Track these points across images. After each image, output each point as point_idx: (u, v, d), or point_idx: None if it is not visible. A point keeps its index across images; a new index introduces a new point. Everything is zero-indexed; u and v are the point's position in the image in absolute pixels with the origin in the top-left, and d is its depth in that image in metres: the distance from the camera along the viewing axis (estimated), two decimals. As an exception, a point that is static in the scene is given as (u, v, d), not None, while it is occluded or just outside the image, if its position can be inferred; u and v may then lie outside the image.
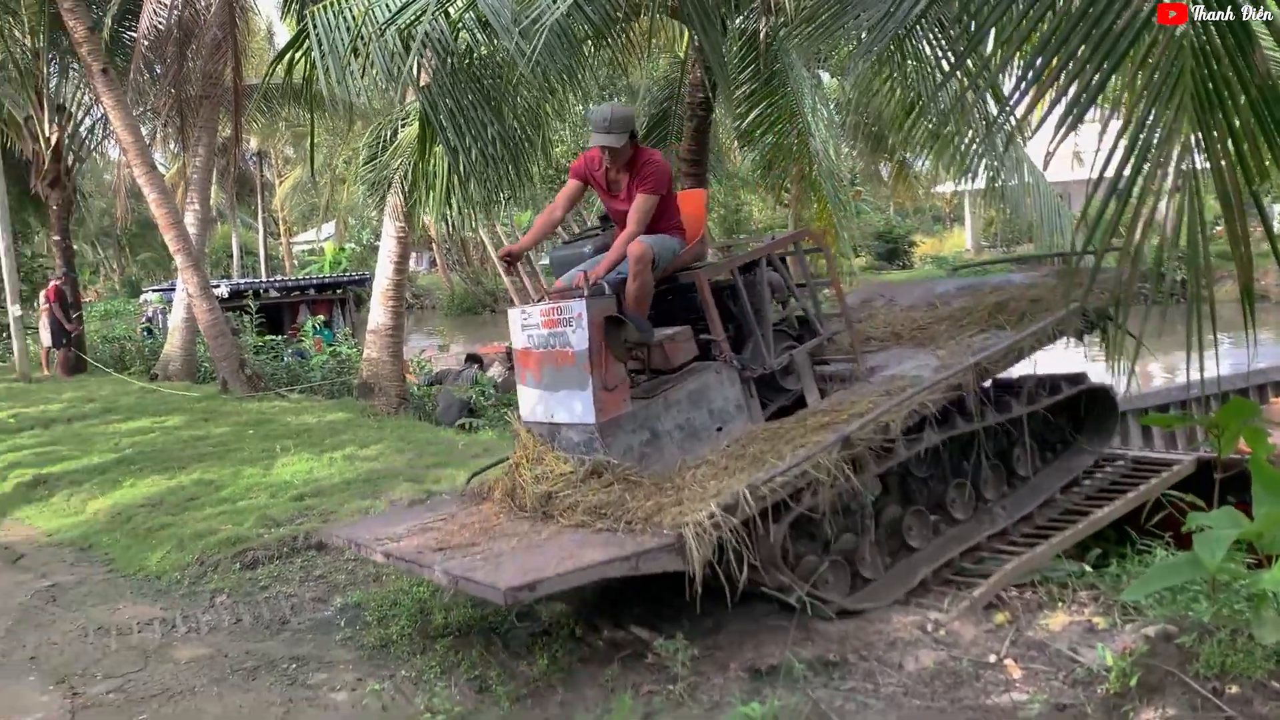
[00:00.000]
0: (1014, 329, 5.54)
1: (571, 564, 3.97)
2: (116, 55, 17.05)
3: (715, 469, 4.58)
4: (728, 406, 5.07)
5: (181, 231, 14.53)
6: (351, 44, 6.72)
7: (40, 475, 9.03)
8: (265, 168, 44.52)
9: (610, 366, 4.72)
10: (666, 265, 5.25)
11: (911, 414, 4.82)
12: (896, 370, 5.39)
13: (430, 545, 4.52)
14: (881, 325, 6.36)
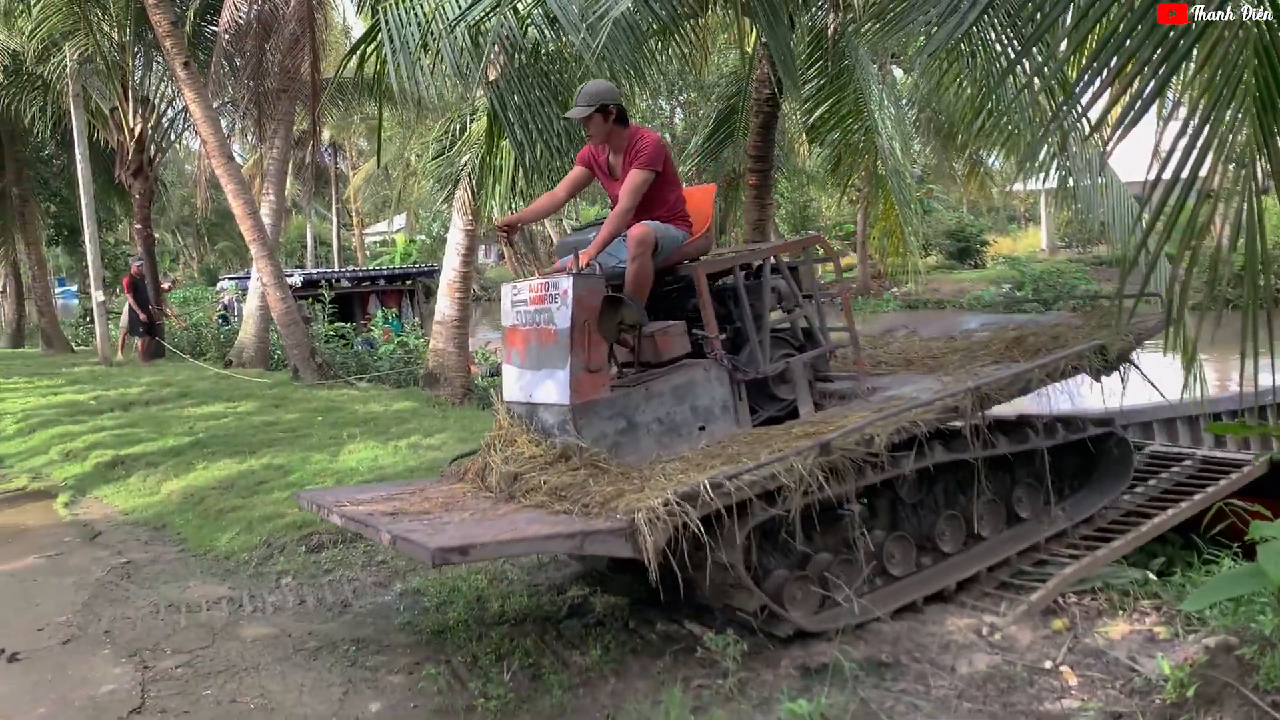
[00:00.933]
0: (1027, 362, 5.30)
1: (510, 535, 3.95)
2: (198, 49, 17.54)
3: (688, 465, 4.41)
4: (713, 406, 4.93)
5: (257, 222, 14.89)
6: (422, 40, 6.85)
7: (119, 456, 9.35)
8: (339, 160, 45.37)
9: (594, 348, 4.64)
10: (668, 255, 5.14)
11: (900, 430, 4.55)
12: (897, 391, 5.20)
13: (385, 511, 4.54)
14: (896, 352, 6.25)
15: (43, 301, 22.34)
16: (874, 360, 6.02)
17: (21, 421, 11.79)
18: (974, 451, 4.87)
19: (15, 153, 21.34)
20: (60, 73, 17.81)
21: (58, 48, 17.45)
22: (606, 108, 5.08)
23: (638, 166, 5.05)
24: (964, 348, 5.90)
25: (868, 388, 5.36)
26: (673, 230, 5.16)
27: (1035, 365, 5.14)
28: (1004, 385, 4.96)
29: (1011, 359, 5.41)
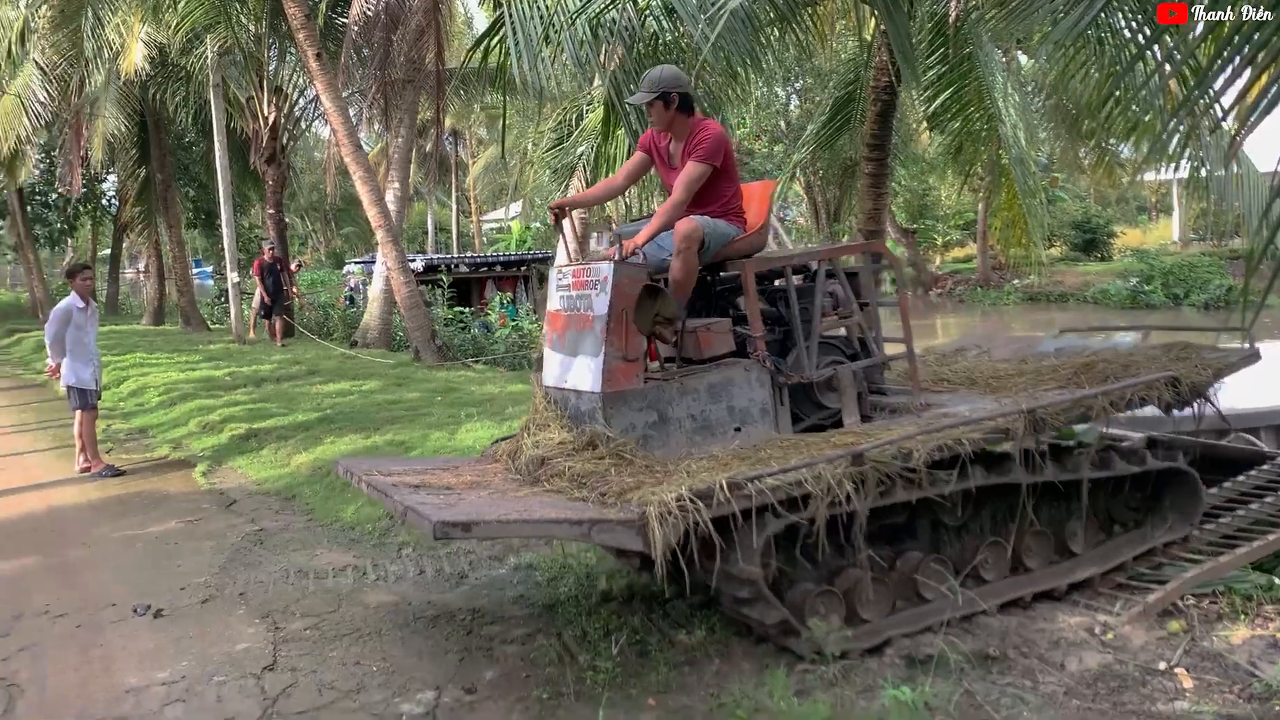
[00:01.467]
0: (1091, 389, 4.99)
1: (516, 516, 3.92)
2: (329, 41, 18.21)
3: (715, 464, 4.29)
4: (751, 408, 4.79)
5: (383, 208, 15.40)
6: (544, 32, 7.01)
7: (252, 430, 9.85)
8: (460, 148, 46.38)
9: (631, 338, 4.55)
10: (718, 250, 4.99)
11: (942, 447, 4.32)
12: (951, 409, 4.96)
13: (410, 484, 4.57)
14: (961, 370, 6.03)
15: (182, 281, 23.52)
16: (936, 377, 5.83)
17: (163, 395, 12.51)
18: (1019, 476, 4.58)
19: (160, 140, 22.49)
20: (202, 64, 18.71)
21: (200, 40, 18.33)
22: (669, 95, 4.95)
23: (695, 159, 4.91)
24: (1031, 371, 5.65)
25: (922, 403, 5.15)
26: (723, 226, 5.00)
27: (1098, 392, 4.83)
28: (1061, 409, 4.67)
29: (1078, 385, 5.14)
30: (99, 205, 30.19)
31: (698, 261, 4.84)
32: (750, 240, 5.15)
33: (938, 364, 6.26)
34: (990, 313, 30.76)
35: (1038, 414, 4.54)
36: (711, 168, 4.91)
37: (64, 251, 36.45)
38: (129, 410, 12.26)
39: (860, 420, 5.00)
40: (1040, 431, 4.57)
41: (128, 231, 27.68)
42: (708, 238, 4.85)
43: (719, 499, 3.85)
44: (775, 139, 33.50)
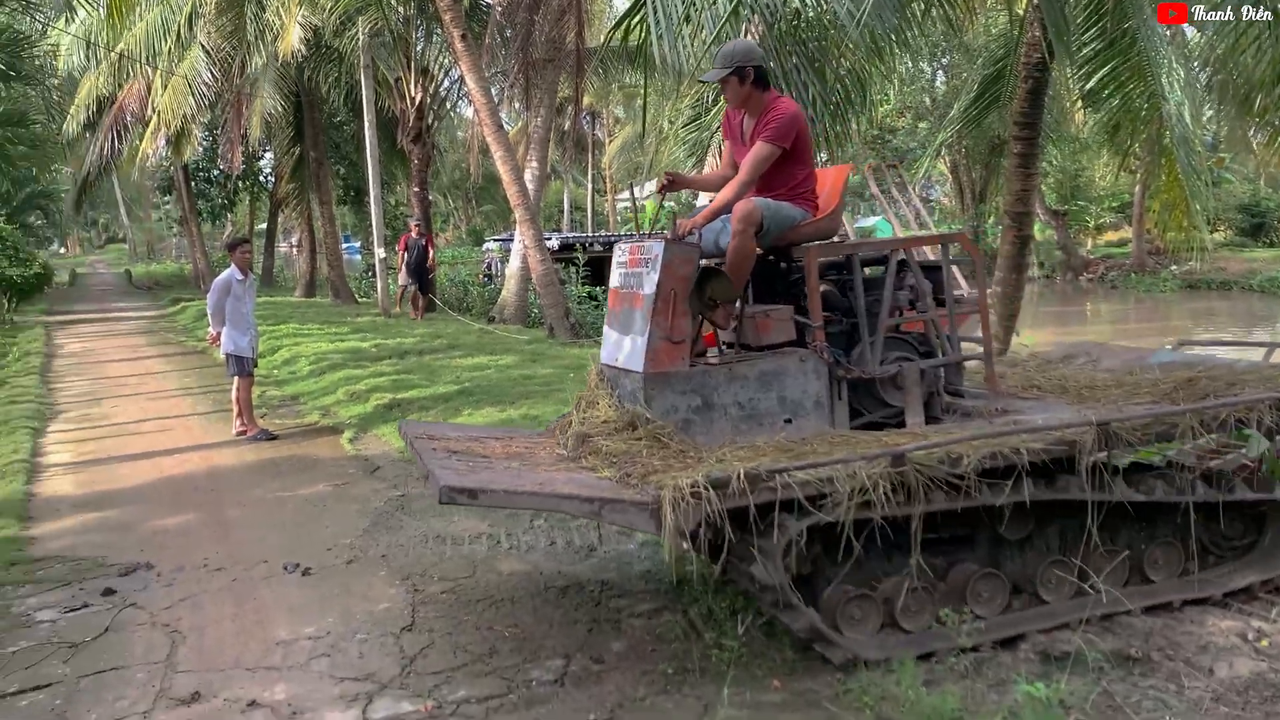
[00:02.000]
0: (1181, 405, 4.56)
1: (527, 488, 3.91)
2: (474, 21, 18.61)
3: (754, 453, 4.17)
4: (804, 400, 4.62)
5: (522, 187, 15.69)
6: (685, 10, 7.00)
7: (395, 399, 10.23)
8: (597, 127, 46.79)
9: (677, 319, 4.46)
10: (781, 233, 4.79)
11: (996, 455, 4.03)
12: (1028, 417, 4.63)
13: (451, 449, 4.67)
14: (1054, 378, 5.59)
15: (333, 256, 24.51)
16: (1026, 383, 5.47)
17: (314, 364, 13.10)
18: (1083, 494, 4.21)
19: (314, 119, 23.43)
20: (353, 46, 19.39)
21: (352, 22, 19.00)
22: (744, 70, 4.77)
23: (764, 139, 4.72)
24: (1130, 383, 5.18)
25: (998, 408, 4.86)
26: (787, 209, 4.79)
27: (1186, 409, 4.39)
28: (1138, 425, 4.27)
29: (1173, 401, 4.69)
30: (257, 181, 31.70)
31: (755, 245, 4.70)
32: (818, 225, 4.94)
33: (1036, 370, 5.89)
34: (1144, 300, 29.31)
35: (1111, 428, 4.17)
36: (780, 149, 4.72)
37: (224, 225, 38.45)
38: (282, 378, 12.89)
39: (925, 421, 4.73)
40: (1113, 447, 4.20)
41: (282, 207, 28.99)
42: (767, 220, 4.67)
43: (734, 489, 3.73)
44: (919, 116, 32.55)
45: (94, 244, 78.12)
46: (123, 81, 22.41)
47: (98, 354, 16.46)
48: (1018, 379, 5.56)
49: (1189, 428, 4.33)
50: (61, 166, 33.16)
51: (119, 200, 56.26)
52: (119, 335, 19.42)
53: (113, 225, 73.63)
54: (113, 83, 22.70)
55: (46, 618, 5.24)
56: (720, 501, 3.69)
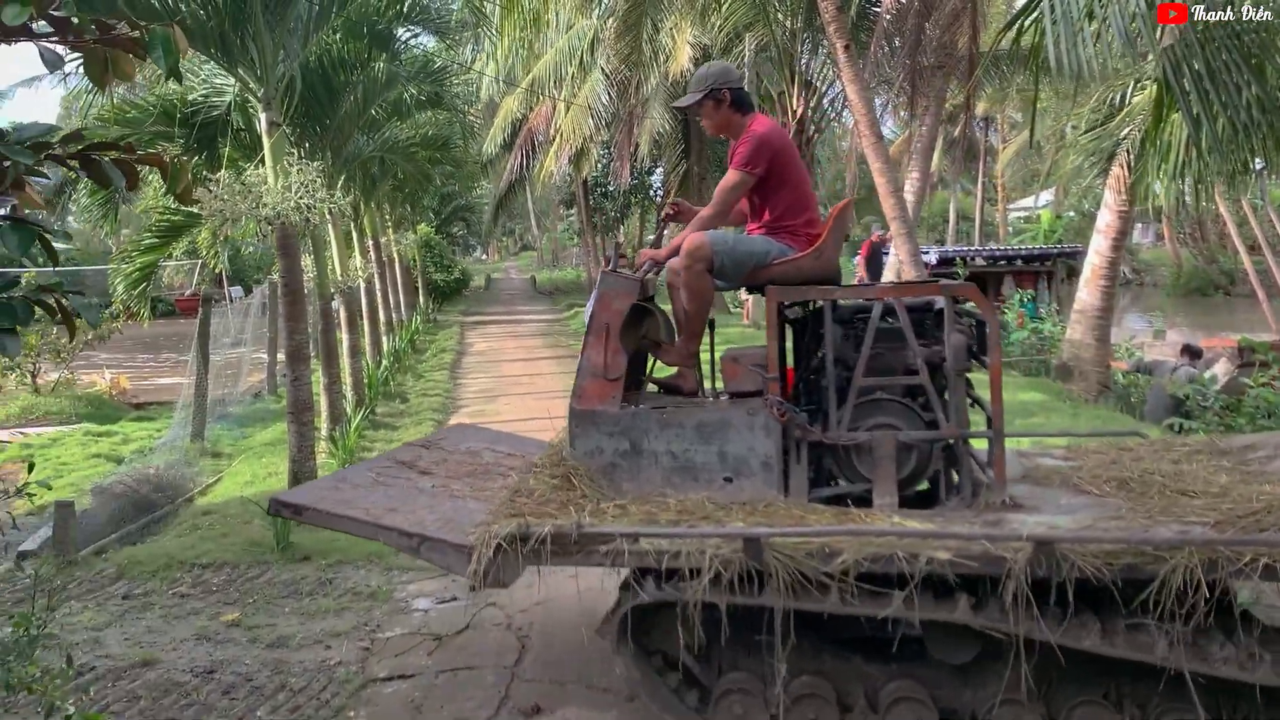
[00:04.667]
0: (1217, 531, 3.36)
1: (353, 514, 3.93)
2: (860, 31, 18.26)
3: (656, 511, 3.84)
4: (749, 458, 4.10)
5: (899, 200, 15.11)
6: (1087, 8, 6.27)
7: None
8: (990, 133, 44.48)
9: (612, 355, 4.24)
10: (748, 271, 4.31)
11: (877, 558, 3.37)
12: (1015, 516, 3.76)
13: (409, 461, 4.83)
14: (1116, 464, 4.42)
15: (711, 267, 25.11)
16: (1075, 475, 4.30)
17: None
18: (1004, 627, 3.38)
19: (699, 135, 24.24)
20: (739, 62, 19.75)
21: (739, 39, 19.36)
22: (719, 92, 4.41)
23: (733, 166, 4.36)
24: (1237, 495, 3.76)
25: (1003, 500, 3.93)
26: (752, 244, 4.33)
27: (1221, 539, 3.25)
28: (1114, 550, 3.27)
29: (1259, 525, 3.36)
30: (646, 196, 33.42)
31: (707, 282, 4.31)
32: (799, 264, 4.32)
33: (1109, 454, 4.70)
34: None
35: (1057, 549, 3.26)
36: (750, 176, 4.32)
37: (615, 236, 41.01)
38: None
39: (895, 504, 3.99)
40: (1058, 572, 3.28)
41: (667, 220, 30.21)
42: (721, 256, 4.26)
43: (534, 544, 3.57)
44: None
45: (510, 251, 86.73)
46: (533, 106, 24.51)
47: (499, 353, 18.07)
48: (1102, 468, 4.38)
49: (1232, 563, 3.21)
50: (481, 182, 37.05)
51: (530, 212, 61.93)
52: (519, 337, 21.24)
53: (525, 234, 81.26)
54: (525, 107, 24.91)
55: (421, 606, 5.68)
56: (519, 560, 3.60)
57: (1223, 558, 3.19)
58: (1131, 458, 4.61)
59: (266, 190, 6.96)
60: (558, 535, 3.61)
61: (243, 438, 11.08)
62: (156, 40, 2.73)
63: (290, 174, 7.08)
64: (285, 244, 7.24)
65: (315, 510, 4.01)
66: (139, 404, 13.22)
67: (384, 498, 4.28)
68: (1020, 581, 3.26)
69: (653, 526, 3.69)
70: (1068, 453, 4.82)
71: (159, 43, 2.73)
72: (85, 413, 12.35)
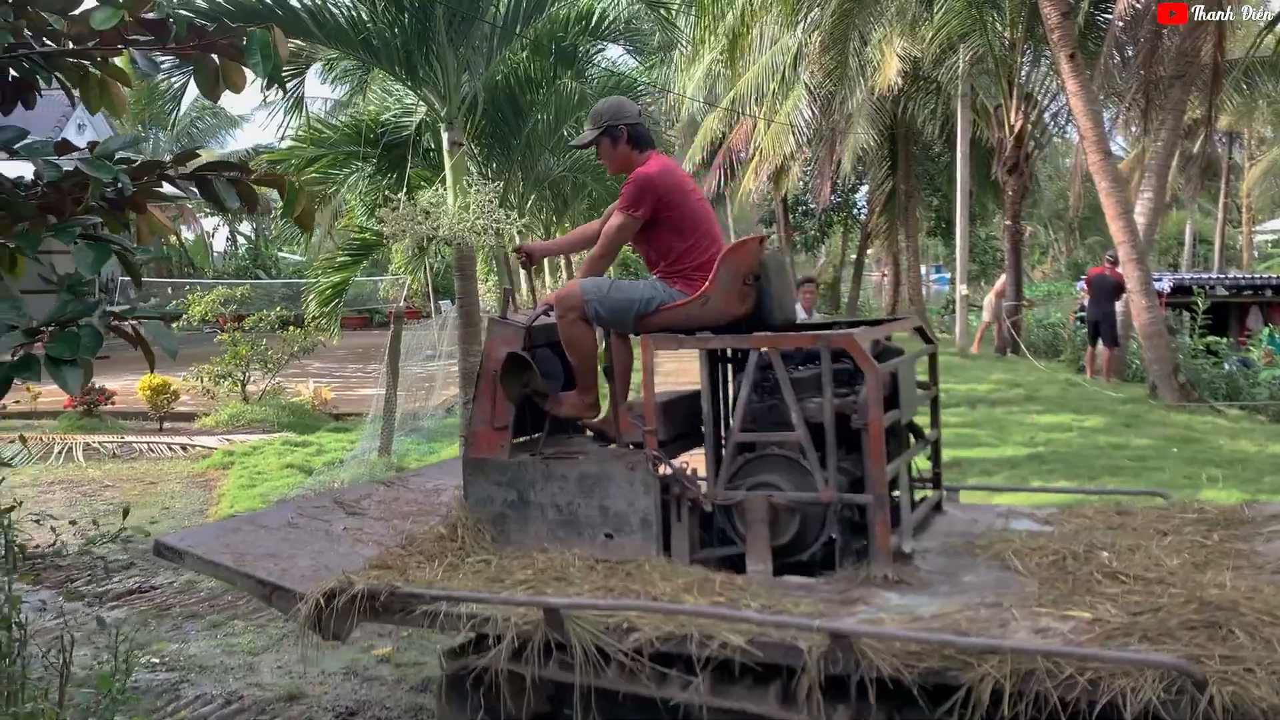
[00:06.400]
0: None
1: (225, 560, 3.89)
2: (1088, 40, 16.89)
3: (522, 566, 3.80)
4: (629, 514, 3.96)
5: (1129, 223, 13.78)
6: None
7: (957, 459, 9.31)
8: (1234, 149, 40.76)
9: (499, 404, 4.22)
10: (632, 318, 4.10)
11: (674, 638, 3.18)
12: (878, 593, 3.54)
13: (347, 499, 4.81)
14: (1095, 539, 3.97)
15: (913, 289, 24.12)
16: (1015, 545, 3.92)
17: (878, 406, 12.61)
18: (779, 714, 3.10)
19: (907, 152, 23.28)
20: (952, 75, 18.73)
21: (953, 50, 18.35)
22: (614, 129, 4.25)
23: (618, 208, 4.21)
24: (1157, 576, 3.46)
25: (884, 574, 3.63)
26: (632, 290, 4.15)
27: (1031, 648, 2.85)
28: (914, 650, 2.94)
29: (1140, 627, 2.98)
30: (850, 214, 32.49)
31: (581, 331, 4.19)
32: (687, 310, 4.04)
33: (1140, 525, 4.18)
34: None
35: (852, 643, 2.94)
36: (633, 218, 4.12)
37: (817, 256, 40.12)
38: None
39: (769, 571, 3.75)
40: (854, 669, 2.94)
41: (870, 239, 29.35)
42: (594, 304, 4.11)
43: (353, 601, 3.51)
44: None
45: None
46: (733, 124, 24.19)
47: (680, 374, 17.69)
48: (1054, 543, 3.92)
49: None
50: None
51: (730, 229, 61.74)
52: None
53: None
54: (725, 125, 24.62)
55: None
56: (351, 615, 3.53)
57: (1041, 670, 2.76)
58: (1114, 525, 4.23)
59: (443, 211, 6.83)
60: (373, 593, 3.55)
61: (430, 452, 11.16)
62: (254, 44, 2.44)
63: (468, 194, 6.93)
64: (462, 265, 7.13)
65: (193, 555, 3.92)
66: (338, 415, 13.64)
67: (274, 541, 4.20)
68: (814, 675, 2.98)
69: (463, 591, 3.61)
70: (1058, 514, 4.47)
71: (256, 46, 2.44)
72: (287, 422, 12.82)
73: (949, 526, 4.39)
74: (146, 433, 12.65)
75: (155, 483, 10.07)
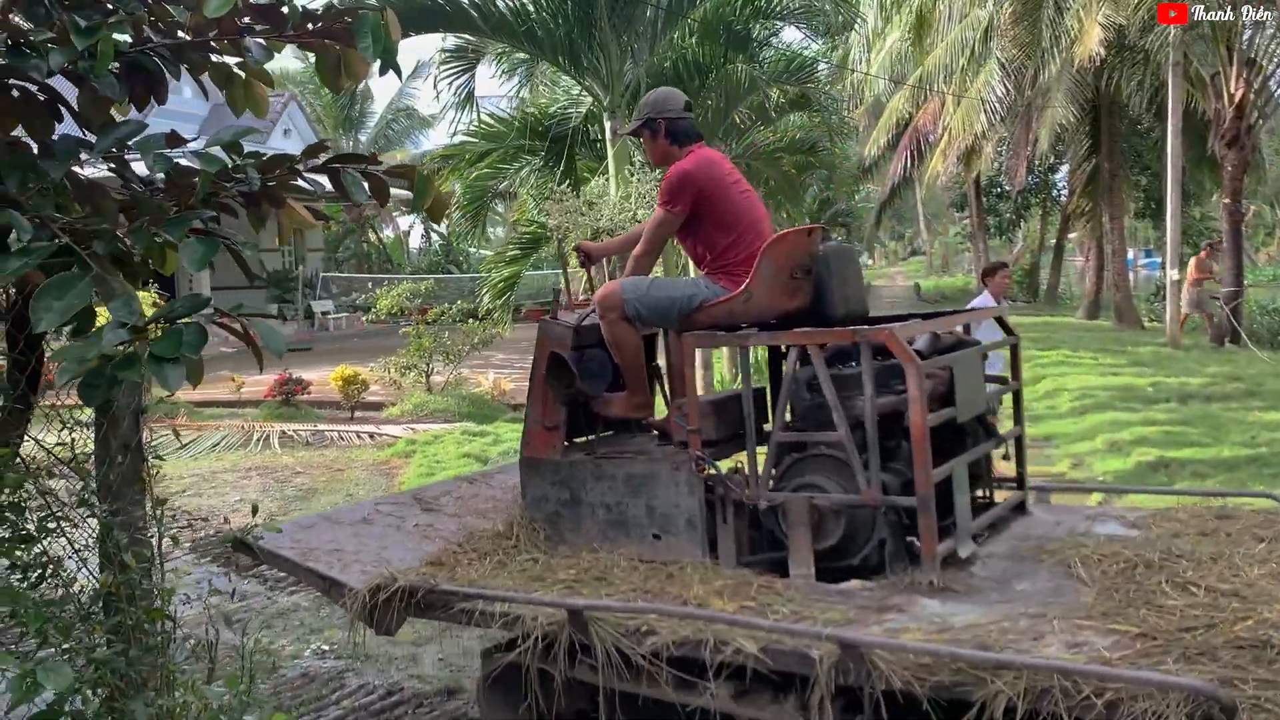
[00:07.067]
0: None
1: (293, 555, 4.00)
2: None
3: (567, 567, 3.84)
4: (675, 515, 3.93)
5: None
6: None
7: (1164, 458, 8.52)
8: None
9: (549, 403, 4.25)
10: (675, 317, 4.08)
11: (689, 643, 3.12)
12: (919, 601, 3.32)
13: (427, 495, 4.91)
14: (1178, 546, 3.63)
15: (1118, 275, 22.50)
16: (1086, 551, 3.67)
17: (1076, 401, 11.77)
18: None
19: (1111, 127, 21.72)
20: (1162, 41, 17.29)
21: (1162, 16, 16.92)
22: (654, 122, 4.18)
23: (659, 204, 4.19)
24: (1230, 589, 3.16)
25: (931, 580, 3.47)
26: (681, 286, 4.12)
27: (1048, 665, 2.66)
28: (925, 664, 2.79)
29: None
30: (1049, 195, 30.70)
31: (624, 331, 4.14)
32: (729, 307, 3.96)
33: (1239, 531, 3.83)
34: None
35: (863, 654, 2.86)
36: (672, 214, 4.07)
37: (1011, 241, 38.19)
38: (1038, 413, 11.80)
39: (812, 575, 3.65)
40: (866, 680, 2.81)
41: (1071, 222, 27.67)
42: (634, 303, 4.08)
43: (369, 594, 3.64)
44: None
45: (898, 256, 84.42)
46: (920, 104, 23.23)
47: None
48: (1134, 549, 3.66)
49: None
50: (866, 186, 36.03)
51: (920, 215, 59.67)
52: (893, 349, 20.09)
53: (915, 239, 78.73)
54: (911, 105, 23.68)
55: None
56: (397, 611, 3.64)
57: (1056, 688, 2.61)
58: (1208, 530, 3.91)
59: (606, 203, 6.72)
60: (412, 590, 3.64)
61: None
62: (365, 26, 2.33)
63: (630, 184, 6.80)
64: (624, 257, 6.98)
65: (262, 549, 3.97)
66: (516, 405, 13.88)
67: (344, 537, 4.27)
68: (824, 686, 2.90)
69: (491, 589, 3.63)
70: (1150, 517, 4.17)
71: (368, 29, 2.33)
72: (467, 412, 13.13)
73: (1027, 530, 4.14)
74: (338, 421, 13.23)
75: (342, 470, 10.48)
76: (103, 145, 2.27)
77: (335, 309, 27.53)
